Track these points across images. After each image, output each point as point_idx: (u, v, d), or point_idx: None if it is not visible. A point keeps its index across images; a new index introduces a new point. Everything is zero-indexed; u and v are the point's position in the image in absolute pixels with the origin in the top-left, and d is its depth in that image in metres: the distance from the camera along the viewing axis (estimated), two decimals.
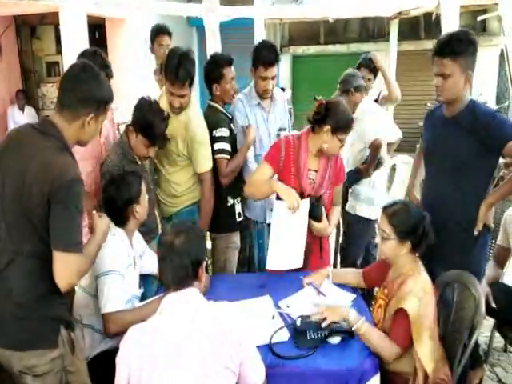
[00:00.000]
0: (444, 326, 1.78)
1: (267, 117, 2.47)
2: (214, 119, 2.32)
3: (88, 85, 1.37)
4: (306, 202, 1.95)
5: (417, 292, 1.59)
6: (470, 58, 1.80)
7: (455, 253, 1.80)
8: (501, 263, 2.24)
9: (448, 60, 1.78)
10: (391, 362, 1.57)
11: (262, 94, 2.41)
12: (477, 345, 2.04)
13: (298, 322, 1.58)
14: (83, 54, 2.14)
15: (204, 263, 1.35)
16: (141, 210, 1.80)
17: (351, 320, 1.57)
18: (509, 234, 2.17)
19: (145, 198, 1.83)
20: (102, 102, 1.41)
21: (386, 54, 6.74)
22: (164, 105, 2.22)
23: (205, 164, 2.25)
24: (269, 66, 2.30)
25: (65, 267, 1.30)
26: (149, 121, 2.00)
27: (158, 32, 2.93)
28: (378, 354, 1.53)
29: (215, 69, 2.33)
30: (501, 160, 2.09)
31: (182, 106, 2.19)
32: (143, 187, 1.82)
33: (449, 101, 1.87)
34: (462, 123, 1.84)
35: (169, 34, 2.95)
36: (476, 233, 1.85)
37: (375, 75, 3.05)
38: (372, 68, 3.01)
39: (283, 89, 7.73)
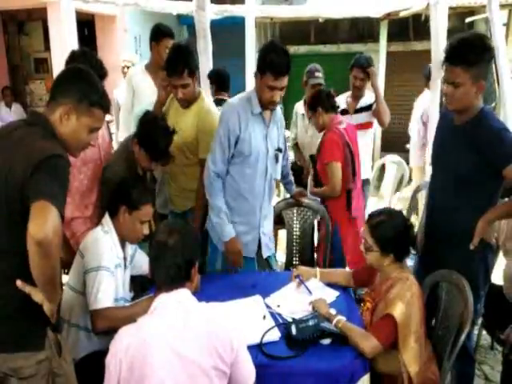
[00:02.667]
0: (433, 324, 1.80)
1: (267, 132, 2.08)
2: None
3: (73, 78, 1.39)
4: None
5: (404, 296, 1.60)
6: (485, 67, 1.67)
7: (456, 265, 1.75)
8: None
9: (460, 69, 1.64)
10: (378, 361, 1.58)
11: (267, 105, 2.01)
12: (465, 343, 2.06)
13: (294, 331, 1.57)
14: (73, 57, 2.09)
15: (197, 263, 1.34)
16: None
17: (332, 315, 1.62)
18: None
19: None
20: (83, 98, 1.37)
21: (376, 55, 6.77)
22: (173, 112, 2.24)
23: (208, 150, 2.13)
24: (280, 75, 1.89)
25: (42, 214, 1.15)
26: (151, 136, 1.98)
27: (164, 34, 2.82)
28: (357, 347, 1.53)
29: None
30: None
31: (185, 97, 2.17)
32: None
33: (458, 110, 1.76)
34: (468, 133, 1.73)
35: (173, 37, 2.88)
36: (471, 247, 1.72)
37: (369, 76, 3.04)
38: (365, 68, 2.99)
39: None
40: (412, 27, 7.43)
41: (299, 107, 3.32)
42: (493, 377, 2.28)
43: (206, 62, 3.39)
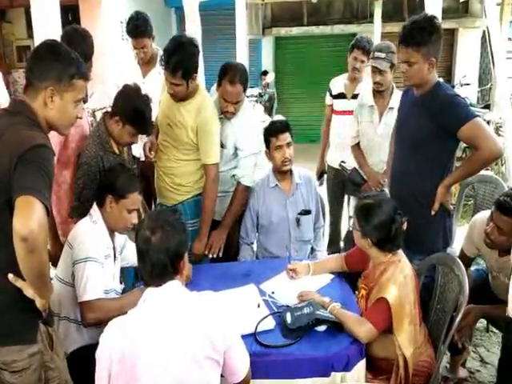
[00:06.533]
0: (429, 307, 1.80)
1: (286, 201, 2.26)
2: None
3: (45, 59, 1.34)
4: None
5: (396, 279, 1.60)
6: (434, 45, 1.85)
7: (413, 230, 1.79)
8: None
9: (411, 49, 1.84)
10: (373, 346, 1.58)
11: (281, 167, 2.22)
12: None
13: (289, 319, 1.57)
14: (62, 38, 2.05)
15: (185, 255, 1.30)
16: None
17: (326, 302, 1.63)
18: (475, 243, 2.03)
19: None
20: (62, 75, 1.33)
21: (370, 36, 6.68)
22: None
23: (210, 155, 2.12)
24: (279, 133, 2.18)
25: (27, 210, 1.13)
26: (139, 110, 1.89)
27: (130, 34, 2.65)
28: (352, 333, 1.53)
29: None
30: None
31: (175, 93, 2.07)
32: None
33: (415, 85, 1.95)
34: (426, 104, 1.91)
35: (144, 35, 2.61)
36: (433, 213, 1.89)
37: (369, 58, 2.94)
38: (366, 50, 2.83)
39: (266, 72, 7.68)
40: (407, 7, 7.33)
41: (367, 97, 2.65)
42: (488, 359, 2.30)
43: None
